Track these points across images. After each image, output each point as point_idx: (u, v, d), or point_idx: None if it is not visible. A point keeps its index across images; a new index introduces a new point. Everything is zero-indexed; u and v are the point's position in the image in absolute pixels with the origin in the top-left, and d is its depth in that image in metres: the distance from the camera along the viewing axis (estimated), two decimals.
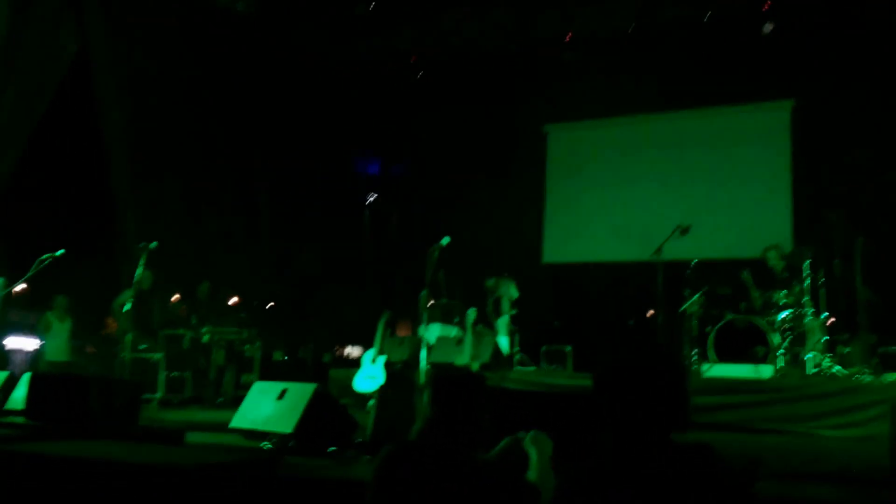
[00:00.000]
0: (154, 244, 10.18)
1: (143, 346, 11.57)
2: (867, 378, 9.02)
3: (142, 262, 10.20)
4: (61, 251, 9.73)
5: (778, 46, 13.78)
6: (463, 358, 9.91)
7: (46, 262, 9.66)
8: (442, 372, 3.45)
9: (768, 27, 13.73)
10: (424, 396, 3.18)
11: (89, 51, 13.26)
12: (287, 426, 6.17)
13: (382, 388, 7.27)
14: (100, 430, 5.83)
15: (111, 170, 13.79)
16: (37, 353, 12.70)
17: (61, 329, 12.53)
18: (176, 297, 13.52)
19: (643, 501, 2.27)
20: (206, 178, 15.36)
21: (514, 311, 12.19)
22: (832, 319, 10.17)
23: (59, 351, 12.50)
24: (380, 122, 17.26)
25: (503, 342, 11.78)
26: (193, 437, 6.75)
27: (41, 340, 12.59)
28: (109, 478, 4.23)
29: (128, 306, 10.51)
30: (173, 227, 14.00)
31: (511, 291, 12.47)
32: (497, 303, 12.45)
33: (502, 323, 12.07)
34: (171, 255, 12.56)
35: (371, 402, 7.28)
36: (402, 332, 14.38)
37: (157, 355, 11.53)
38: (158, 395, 11.25)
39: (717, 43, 14.18)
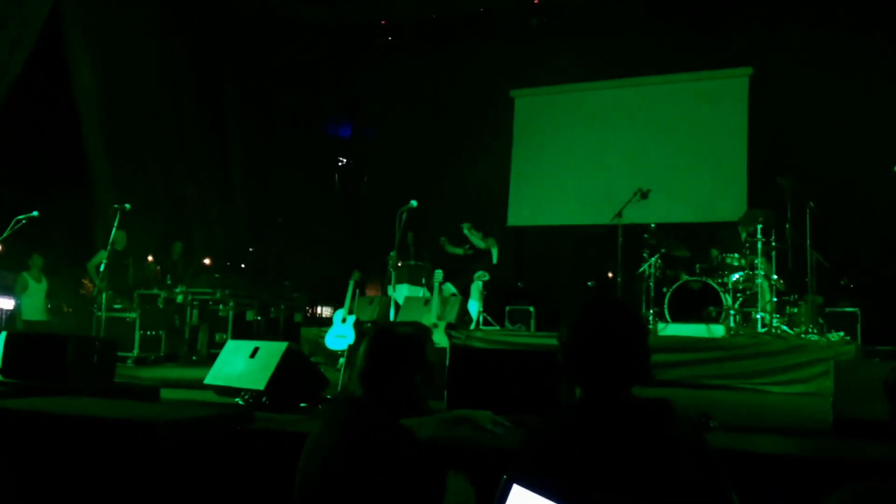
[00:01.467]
0: (128, 206, 10.21)
1: (118, 306, 11.70)
2: (813, 337, 9.34)
3: (115, 223, 10.23)
4: (36, 212, 9.84)
5: (738, 14, 13.97)
6: (430, 318, 10.12)
7: (22, 223, 9.77)
8: (379, 328, 3.29)
9: None
10: (360, 349, 3.17)
11: (61, 13, 13.24)
12: (259, 383, 6.25)
13: (352, 346, 7.44)
14: (76, 388, 5.92)
15: (83, 132, 13.81)
16: (13, 313, 12.84)
17: (37, 289, 12.66)
18: (150, 257, 13.67)
19: (608, 452, 2.34)
20: (179, 140, 15.43)
21: (486, 277, 12.33)
22: (781, 281, 10.45)
23: (36, 310, 12.63)
24: (351, 85, 17.32)
25: (474, 307, 11.95)
26: (168, 394, 6.87)
27: (17, 300, 12.72)
28: (86, 433, 4.33)
29: (103, 267, 10.62)
30: (147, 188, 14.08)
31: (495, 254, 12.62)
32: (475, 256, 12.60)
33: (475, 288, 12.22)
34: (145, 216, 12.69)
35: (341, 360, 7.48)
36: (372, 292, 14.60)
37: (132, 315, 11.64)
38: (134, 353, 11.41)
39: (680, 9, 14.36)
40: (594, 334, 2.54)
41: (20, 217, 9.68)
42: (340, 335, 10.65)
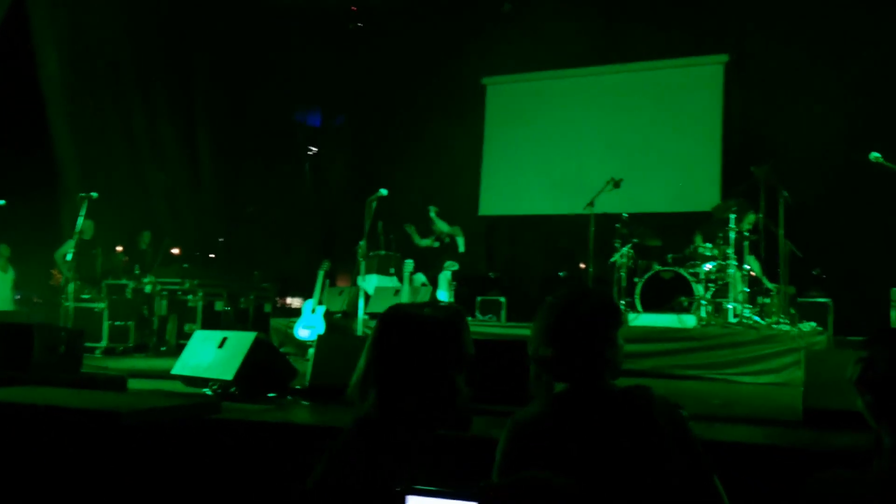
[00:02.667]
0: (95, 194, 10.15)
1: (86, 296, 11.62)
2: (785, 327, 9.31)
3: (83, 212, 10.16)
4: (2, 201, 9.75)
5: (714, 0, 13.99)
6: None
7: None
8: (397, 310, 2.37)
9: None
10: (367, 343, 2.34)
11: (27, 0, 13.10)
12: (228, 373, 6.23)
13: (321, 336, 7.41)
14: (42, 378, 5.86)
15: (49, 119, 13.66)
16: None
17: (4, 279, 12.54)
18: (119, 247, 13.55)
19: (595, 442, 2.35)
20: (148, 128, 15.29)
21: (456, 267, 12.30)
22: (752, 272, 10.47)
23: (2, 300, 12.51)
24: (321, 73, 17.21)
25: (443, 297, 11.92)
26: (136, 385, 6.81)
27: None
28: (51, 423, 4.31)
29: (70, 256, 10.53)
30: (115, 177, 13.94)
31: (461, 243, 12.58)
32: (443, 248, 12.52)
33: (444, 278, 12.18)
34: (113, 205, 12.58)
35: (311, 351, 7.44)
36: (342, 282, 14.55)
37: (101, 305, 11.55)
38: (102, 344, 11.31)
39: None
40: (579, 327, 2.52)
41: None
42: (310, 326, 10.61)
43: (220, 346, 6.65)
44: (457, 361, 2.28)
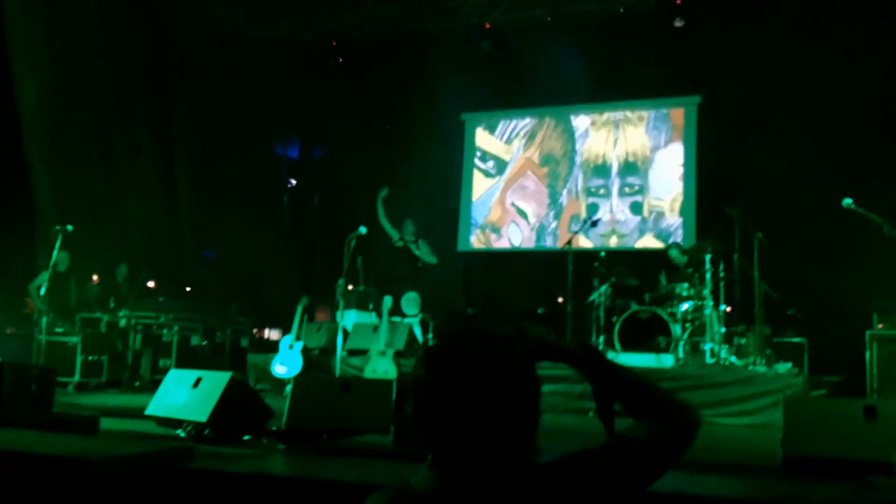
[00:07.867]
0: (70, 227, 10.08)
1: (59, 329, 11.49)
2: (761, 369, 9.33)
3: (58, 244, 10.09)
4: None
5: (687, 42, 14.00)
6: (378, 345, 10.05)
7: None
8: (448, 322, 1.57)
9: (679, 22, 13.91)
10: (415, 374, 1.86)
11: (5, 28, 13.00)
12: (202, 414, 6.22)
13: (298, 377, 7.37)
14: (12, 418, 5.80)
15: (25, 149, 13.55)
16: None
17: None
18: (94, 279, 13.43)
19: None
20: (126, 159, 15.20)
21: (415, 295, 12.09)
22: (729, 309, 10.49)
23: None
24: (300, 105, 17.19)
25: (417, 331, 11.84)
26: (108, 424, 6.75)
27: None
28: (18, 469, 4.25)
29: (44, 289, 10.44)
30: (91, 209, 13.81)
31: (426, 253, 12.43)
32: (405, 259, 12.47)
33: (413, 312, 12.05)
34: (89, 237, 12.46)
35: (288, 388, 7.41)
36: (320, 317, 14.48)
37: (74, 339, 11.39)
38: (75, 378, 11.15)
39: (629, 37, 14.35)
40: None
41: None
42: (288, 362, 10.52)
43: (195, 386, 6.61)
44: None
